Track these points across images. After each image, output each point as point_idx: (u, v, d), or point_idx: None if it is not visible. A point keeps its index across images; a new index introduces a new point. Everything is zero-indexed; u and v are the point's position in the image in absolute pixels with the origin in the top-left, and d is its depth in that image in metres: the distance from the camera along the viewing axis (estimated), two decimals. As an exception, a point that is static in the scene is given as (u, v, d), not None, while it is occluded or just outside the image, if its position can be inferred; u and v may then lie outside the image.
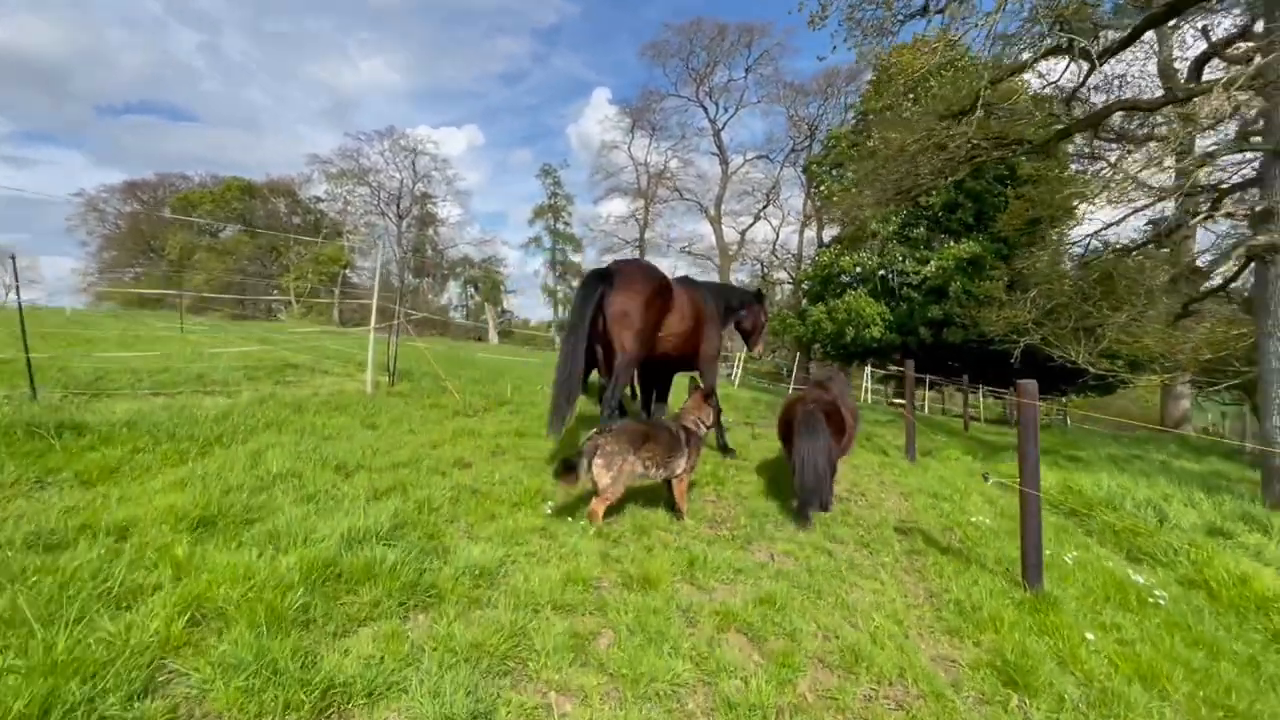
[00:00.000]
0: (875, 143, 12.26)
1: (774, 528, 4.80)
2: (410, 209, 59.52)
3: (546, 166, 61.49)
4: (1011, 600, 3.91)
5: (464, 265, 65.47)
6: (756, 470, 6.33)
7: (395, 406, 6.27)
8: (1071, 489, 7.88)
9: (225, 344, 9.16)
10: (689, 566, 3.71)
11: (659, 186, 47.58)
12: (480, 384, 8.25)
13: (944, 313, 27.34)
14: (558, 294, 62.27)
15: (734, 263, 45.03)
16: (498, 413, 6.84)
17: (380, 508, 3.56)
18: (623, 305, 5.34)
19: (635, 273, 5.57)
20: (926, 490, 6.70)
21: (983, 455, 10.65)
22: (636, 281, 5.47)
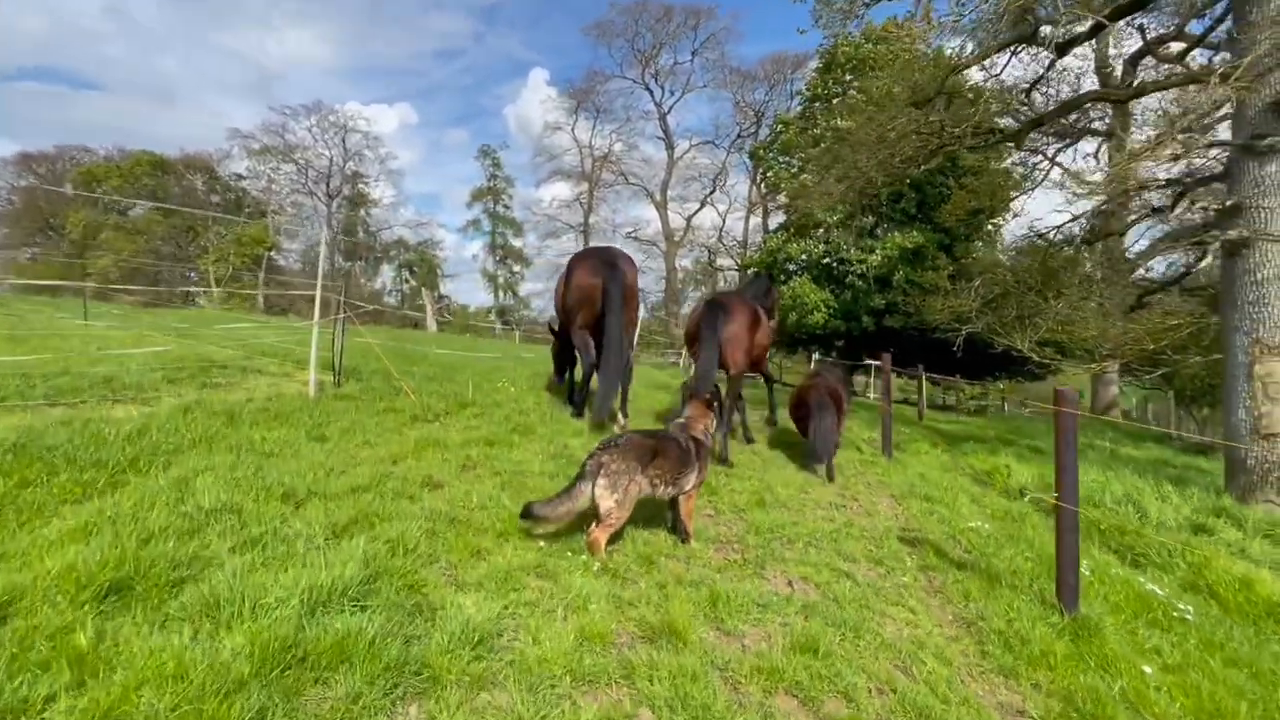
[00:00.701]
0: (843, 128, 11.92)
1: (782, 545, 4.37)
2: (340, 188, 56.77)
3: (485, 148, 59.70)
4: (1051, 627, 3.60)
5: (398, 248, 63.10)
6: (745, 475, 5.90)
7: (345, 413, 5.52)
8: (1048, 483, 7.78)
9: (139, 339, 8.08)
10: (711, 606, 3.23)
11: (603, 170, 46.72)
12: (436, 382, 7.51)
13: (887, 301, 27.76)
14: (498, 279, 60.72)
15: (680, 249, 44.75)
16: (461, 417, 6.17)
17: (345, 551, 2.92)
18: (734, 330, 6.85)
19: (741, 305, 7.16)
20: (917, 493, 6.43)
21: (947, 447, 10.58)
22: (744, 312, 7.06)
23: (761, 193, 38.23)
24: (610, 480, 3.56)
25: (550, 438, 5.79)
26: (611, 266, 6.63)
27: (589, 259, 6.94)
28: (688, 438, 4.19)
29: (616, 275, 6.55)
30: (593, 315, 6.75)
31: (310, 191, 53.84)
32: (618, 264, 6.70)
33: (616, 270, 6.60)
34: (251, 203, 54.46)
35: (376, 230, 61.55)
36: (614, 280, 6.52)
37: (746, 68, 41.18)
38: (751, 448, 7.22)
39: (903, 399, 32.01)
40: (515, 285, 60.81)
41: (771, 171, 33.26)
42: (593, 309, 6.69)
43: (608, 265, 6.65)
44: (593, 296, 6.63)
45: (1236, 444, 7.73)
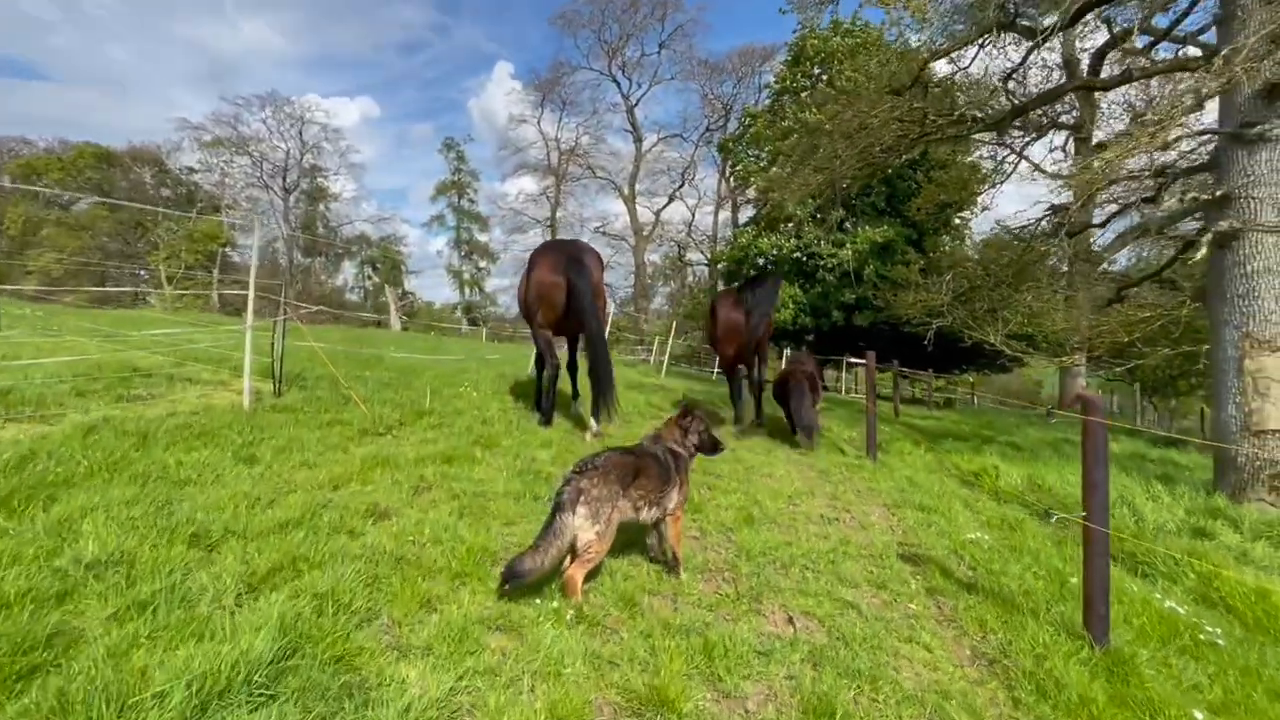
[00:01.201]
0: (822, 117, 11.53)
1: (777, 571, 3.92)
2: (298, 182, 55.04)
3: (449, 141, 58.47)
4: (1084, 665, 3.20)
5: (360, 244, 61.53)
6: (730, 489, 5.44)
7: (283, 427, 4.90)
8: (1040, 486, 7.52)
9: (56, 345, 7.28)
10: (707, 659, 2.75)
11: (570, 164, 45.95)
12: (391, 388, 6.89)
13: (857, 296, 27.69)
14: (463, 275, 59.55)
15: (649, 243, 44.27)
16: (416, 429, 5.58)
17: (260, 613, 2.37)
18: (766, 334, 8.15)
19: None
20: (910, 501, 6.05)
21: (929, 446, 10.30)
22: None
23: (730, 186, 37.93)
24: (591, 509, 3.05)
25: (516, 451, 5.25)
26: (577, 263, 6.21)
27: (551, 254, 6.51)
28: (665, 451, 3.70)
29: (584, 273, 6.15)
30: (555, 315, 6.37)
31: (266, 185, 52.01)
32: (583, 260, 6.29)
33: (583, 268, 6.18)
34: (204, 197, 52.47)
35: (337, 226, 59.94)
36: (581, 278, 6.12)
37: (714, 60, 40.87)
38: (734, 455, 6.76)
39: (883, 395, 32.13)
40: (481, 281, 59.74)
41: (741, 165, 32.96)
42: (554, 308, 6.35)
43: (573, 262, 6.22)
44: (554, 295, 6.24)
45: (1226, 443, 7.53)
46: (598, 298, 6.36)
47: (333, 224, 59.71)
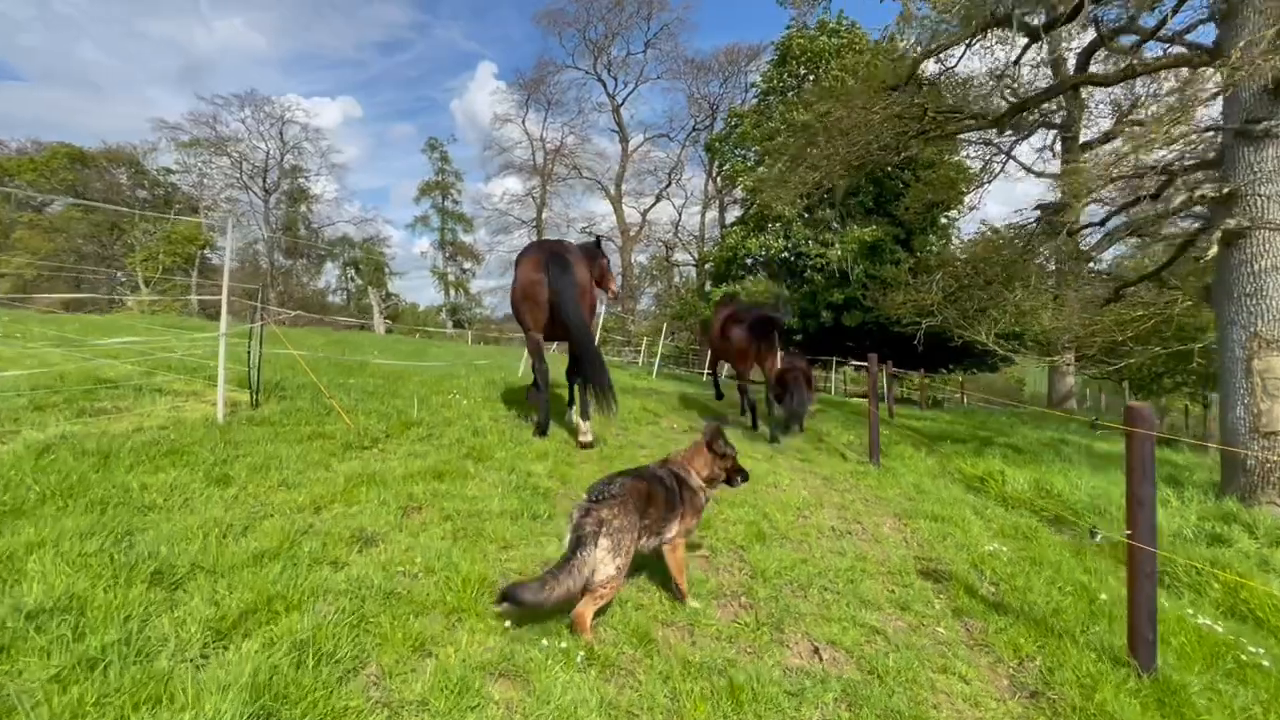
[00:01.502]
0: (821, 113, 11.31)
1: (794, 594, 3.66)
2: (279, 183, 54.22)
3: (432, 141, 57.91)
4: (1134, 696, 2.96)
5: (343, 245, 60.77)
6: (737, 501, 5.16)
7: (260, 443, 4.56)
8: (1047, 491, 7.33)
9: (19, 354, 6.85)
10: (734, 704, 2.48)
11: (556, 164, 45.56)
12: (376, 397, 6.55)
13: (846, 296, 27.60)
14: (448, 276, 58.98)
15: (636, 243, 44.00)
16: (404, 440, 5.26)
17: (230, 668, 2.06)
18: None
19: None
20: (921, 511, 5.81)
21: (928, 449, 10.11)
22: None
23: (718, 186, 37.74)
24: (613, 541, 2.76)
25: (511, 464, 4.95)
26: (560, 260, 5.93)
27: (535, 253, 6.15)
28: (671, 476, 3.39)
29: (567, 269, 5.86)
30: (541, 316, 6.02)
31: (246, 186, 51.16)
32: (566, 257, 6.01)
33: (566, 264, 5.90)
34: (182, 198, 51.53)
35: (319, 227, 59.18)
36: (564, 274, 5.83)
37: (701, 59, 40.68)
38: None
39: (860, 393, 32.08)
40: (466, 283, 59.20)
41: (728, 164, 32.79)
42: (539, 309, 5.99)
43: (555, 258, 5.94)
44: (538, 295, 5.93)
45: (1235, 445, 7.38)
46: (582, 296, 6.05)
47: (314, 225, 58.97)
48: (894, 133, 9.56)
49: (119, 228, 45.92)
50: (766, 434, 8.55)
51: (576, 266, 6.02)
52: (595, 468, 5.32)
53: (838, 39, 30.45)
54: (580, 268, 6.11)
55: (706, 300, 31.17)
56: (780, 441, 8.28)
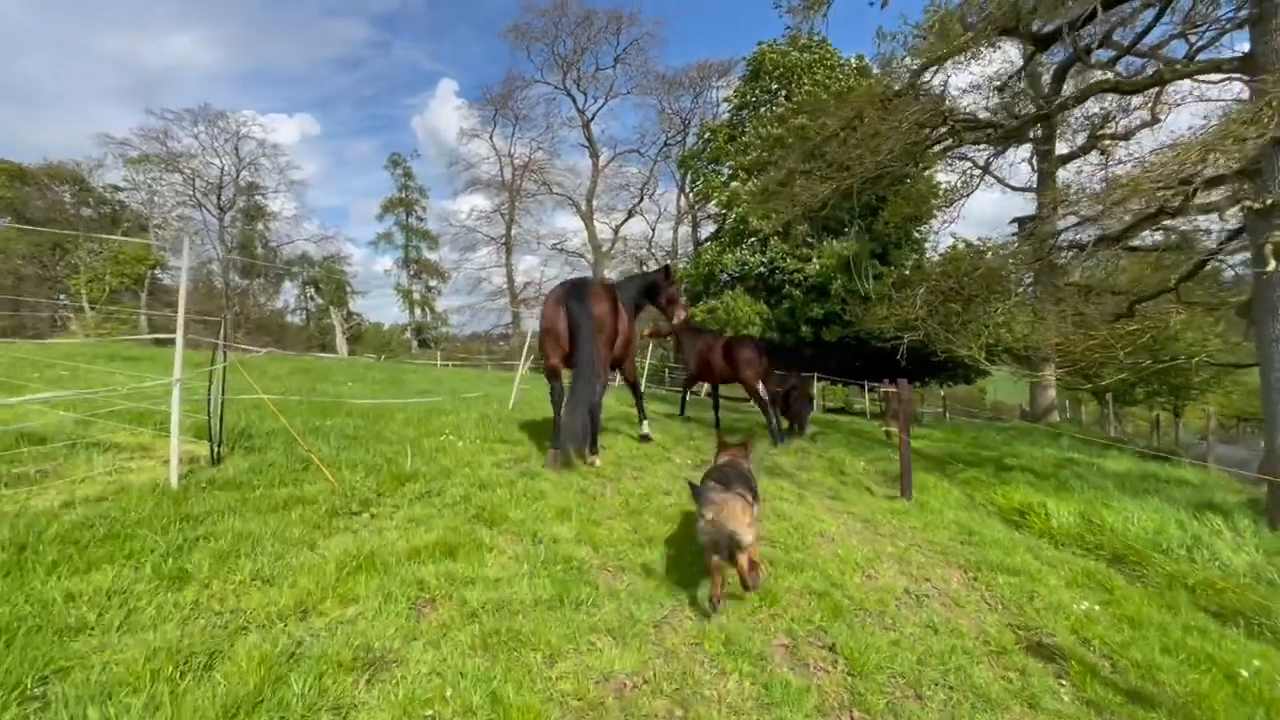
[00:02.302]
0: (833, 123, 10.80)
1: (910, 698, 2.96)
2: (234, 200, 52.32)
3: (395, 157, 56.72)
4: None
5: (302, 264, 58.94)
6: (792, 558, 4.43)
7: (225, 514, 3.69)
8: (1097, 526, 6.78)
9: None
10: None
11: (525, 180, 44.75)
12: (359, 442, 5.68)
13: (825, 311, 27.32)
14: (413, 294, 57.55)
15: (609, 260, 43.34)
16: (399, 500, 4.42)
17: None
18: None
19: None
20: (984, 560, 5.19)
21: (941, 474, 9.58)
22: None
23: (690, 202, 37.38)
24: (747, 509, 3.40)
25: (530, 527, 4.16)
26: (579, 297, 6.18)
27: (556, 291, 6.53)
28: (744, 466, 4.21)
29: (585, 307, 6.09)
30: (560, 351, 6.21)
31: (199, 204, 49.18)
32: (584, 293, 6.25)
33: (584, 302, 6.14)
34: (131, 217, 49.34)
35: (277, 245, 57.29)
36: (582, 312, 6.05)
37: (672, 74, 40.45)
38: (771, 506, 5.80)
39: (839, 407, 31.82)
40: (432, 301, 57.83)
41: (702, 180, 32.42)
42: (558, 343, 6.19)
43: (576, 297, 6.19)
44: (556, 329, 6.17)
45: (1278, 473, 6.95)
46: (599, 331, 6.21)
47: (272, 244, 57.11)
48: (908, 143, 9.09)
49: (62, 247, 43.59)
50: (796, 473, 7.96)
51: (595, 302, 6.22)
52: (625, 525, 4.56)
53: (809, 54, 30.46)
54: (599, 303, 6.32)
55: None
56: (786, 443, 10.02)
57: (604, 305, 6.40)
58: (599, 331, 6.17)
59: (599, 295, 6.41)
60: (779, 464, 8.27)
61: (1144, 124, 19.01)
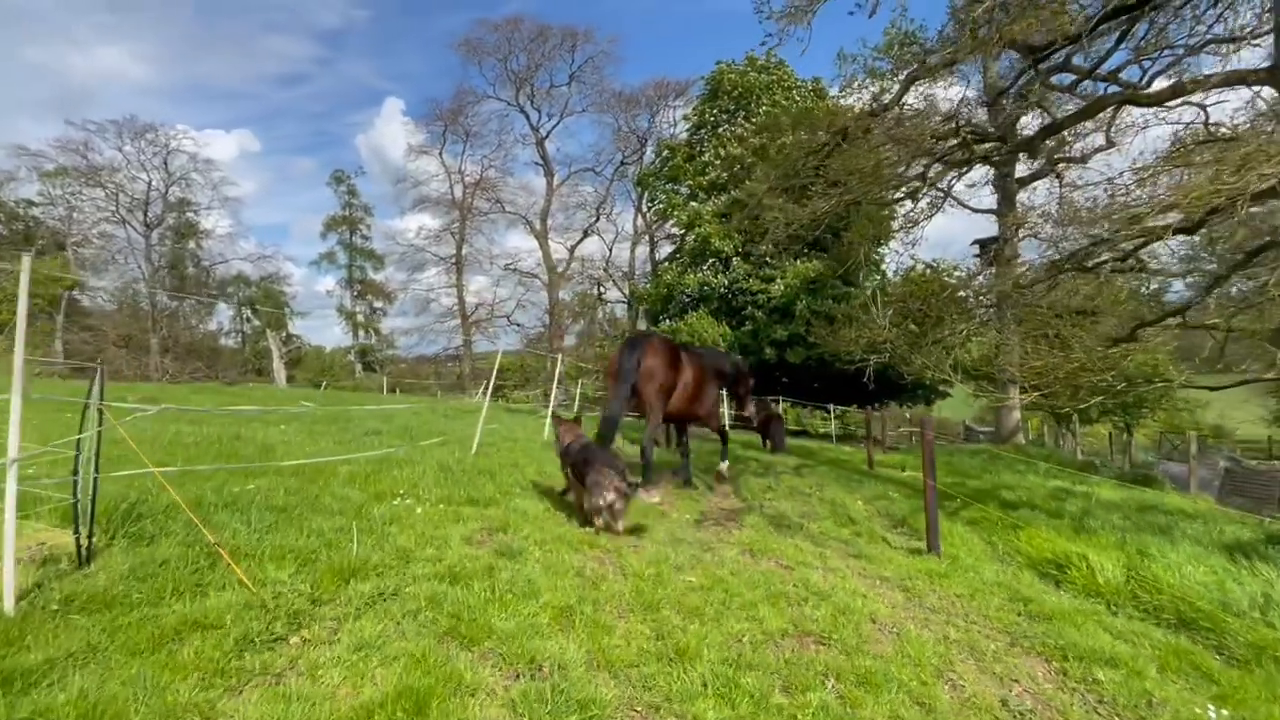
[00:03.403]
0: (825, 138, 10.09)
1: None
2: (163, 217, 49.33)
3: (339, 173, 54.74)
4: None
5: (238, 284, 56.05)
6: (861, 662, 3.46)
7: (78, 659, 2.51)
8: (1144, 578, 6.04)
9: None
10: None
11: (476, 198, 43.38)
12: (288, 517, 4.45)
13: (789, 333, 26.88)
14: (356, 316, 55.22)
15: (566, 281, 42.23)
16: (343, 609, 3.27)
17: None
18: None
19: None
20: (1063, 643, 4.32)
21: (950, 515, 8.82)
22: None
23: (648, 221, 36.72)
24: None
25: (520, 644, 3.07)
26: (635, 350, 7.36)
27: (625, 341, 7.90)
28: None
29: (635, 357, 7.27)
30: (617, 388, 7.25)
31: (123, 220, 46.11)
32: (640, 347, 7.41)
33: (637, 354, 7.30)
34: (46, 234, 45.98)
35: (210, 264, 54.31)
36: (631, 362, 7.23)
37: (629, 92, 39.89)
38: (791, 572, 4.84)
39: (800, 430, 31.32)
40: (376, 323, 55.59)
41: (662, 198, 31.81)
42: (614, 382, 7.39)
43: (633, 348, 7.40)
44: (613, 371, 7.49)
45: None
46: (647, 379, 7.31)
47: (205, 263, 54.10)
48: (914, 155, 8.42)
49: (-36, 267, 40.07)
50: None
51: (649, 355, 7.35)
52: (643, 626, 3.51)
53: (767, 75, 30.35)
54: (652, 357, 7.35)
55: (646, 340, 29.66)
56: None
57: (656, 360, 7.39)
58: (646, 380, 7.31)
59: (654, 349, 7.48)
60: (784, 512, 7.34)
61: (1100, 148, 19.19)
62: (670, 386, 7.53)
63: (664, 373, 7.41)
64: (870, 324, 19.67)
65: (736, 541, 5.64)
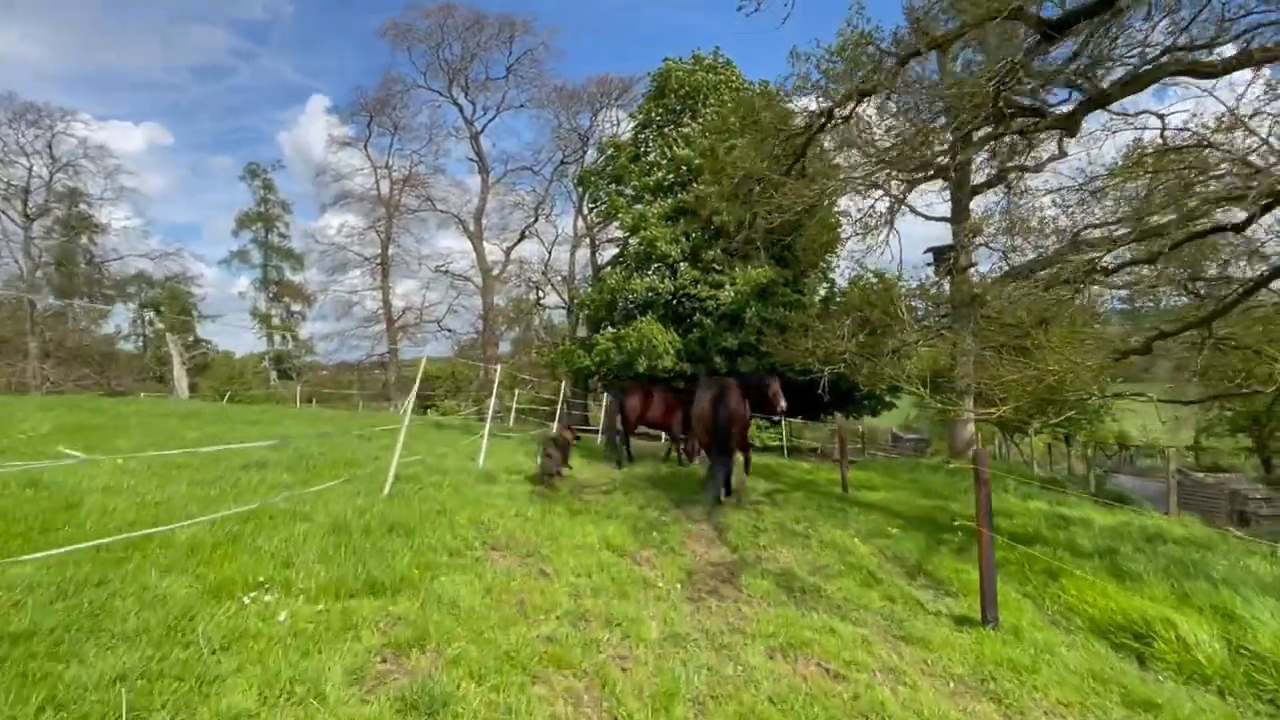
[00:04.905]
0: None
1: None
2: (47, 207, 44.27)
3: (253, 166, 50.65)
4: None
5: (139, 284, 51.09)
6: None
7: None
8: (1246, 650, 4.80)
9: None
10: None
11: (404, 194, 40.54)
12: (28, 653, 2.60)
13: (739, 341, 25.70)
14: (272, 319, 51.09)
15: (501, 285, 39.94)
16: None
17: None
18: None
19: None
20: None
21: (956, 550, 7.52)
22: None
23: (590, 223, 35.01)
24: None
25: None
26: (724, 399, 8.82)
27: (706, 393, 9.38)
28: None
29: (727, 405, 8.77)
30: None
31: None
32: (729, 394, 8.94)
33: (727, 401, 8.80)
34: (-105, 224, 40.58)
35: (104, 261, 49.14)
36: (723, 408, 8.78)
37: (570, 87, 38.01)
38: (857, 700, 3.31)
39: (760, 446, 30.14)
40: (294, 327, 51.62)
41: (606, 199, 30.15)
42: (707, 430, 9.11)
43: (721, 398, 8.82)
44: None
45: None
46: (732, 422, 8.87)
47: (99, 260, 48.93)
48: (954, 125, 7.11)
49: None
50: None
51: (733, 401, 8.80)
52: None
53: (715, 75, 29.30)
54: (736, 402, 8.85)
55: (589, 350, 28.02)
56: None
57: (739, 403, 8.89)
58: (732, 422, 8.72)
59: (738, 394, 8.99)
60: (788, 568, 5.81)
61: (1053, 157, 18.79)
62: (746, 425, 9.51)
63: (743, 413, 9.15)
64: (828, 334, 18.66)
65: (756, 632, 4.04)
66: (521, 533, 5.44)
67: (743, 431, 9.40)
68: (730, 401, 8.78)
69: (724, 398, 8.82)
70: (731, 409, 8.74)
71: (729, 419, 8.70)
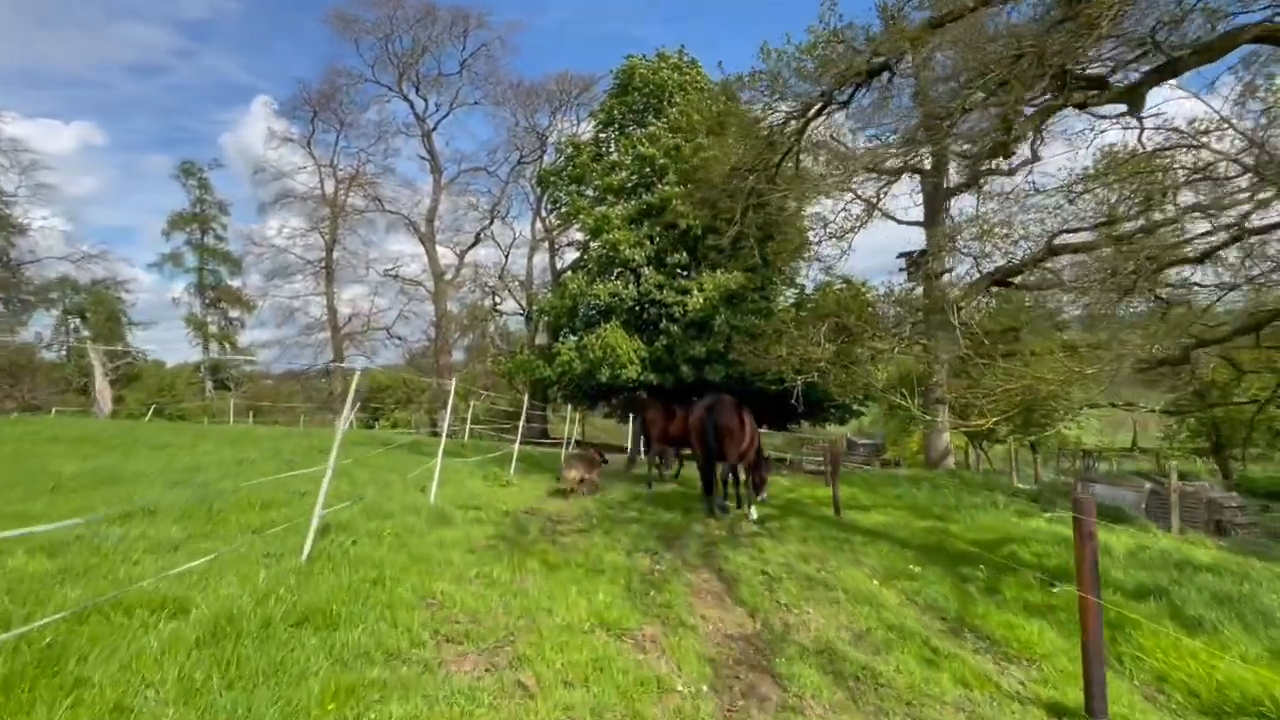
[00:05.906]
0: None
1: None
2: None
3: (188, 165, 47.55)
4: None
5: (63, 288, 47.44)
6: None
7: None
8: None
9: None
10: None
11: (350, 194, 38.35)
12: None
13: (708, 349, 24.68)
14: (208, 327, 47.99)
15: (454, 290, 38.08)
16: None
17: None
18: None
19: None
20: None
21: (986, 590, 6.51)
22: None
23: (549, 226, 33.59)
24: None
25: None
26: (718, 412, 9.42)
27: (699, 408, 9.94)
28: None
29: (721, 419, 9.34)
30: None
31: (-114, 205, 37.33)
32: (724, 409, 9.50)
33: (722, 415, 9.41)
34: None
35: (19, 264, 45.40)
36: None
37: (528, 85, 36.55)
38: None
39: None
40: (232, 335, 48.60)
41: (566, 199, 28.83)
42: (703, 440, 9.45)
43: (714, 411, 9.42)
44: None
45: None
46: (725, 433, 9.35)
47: (15, 262, 45.15)
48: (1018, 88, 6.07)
49: None
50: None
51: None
52: None
53: (680, 74, 28.39)
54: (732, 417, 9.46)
55: (550, 359, 26.63)
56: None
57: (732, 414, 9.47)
58: (721, 433, 9.34)
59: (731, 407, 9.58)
60: (826, 637, 4.64)
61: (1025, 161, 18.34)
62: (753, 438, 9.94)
63: (731, 427, 9.44)
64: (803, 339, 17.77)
65: None
66: (487, 610, 4.14)
67: (740, 445, 9.51)
68: (720, 413, 9.23)
69: (715, 410, 9.30)
70: (720, 422, 9.17)
71: (717, 429, 9.13)
